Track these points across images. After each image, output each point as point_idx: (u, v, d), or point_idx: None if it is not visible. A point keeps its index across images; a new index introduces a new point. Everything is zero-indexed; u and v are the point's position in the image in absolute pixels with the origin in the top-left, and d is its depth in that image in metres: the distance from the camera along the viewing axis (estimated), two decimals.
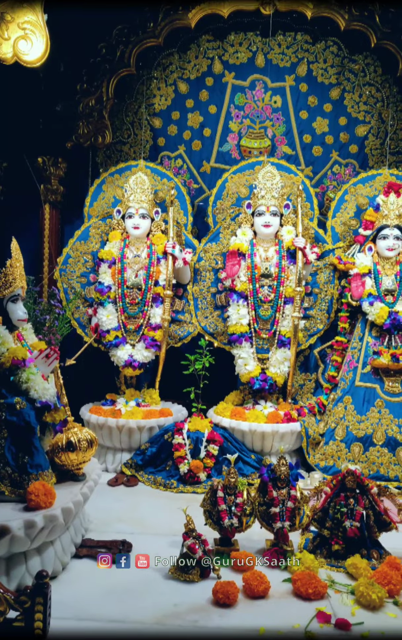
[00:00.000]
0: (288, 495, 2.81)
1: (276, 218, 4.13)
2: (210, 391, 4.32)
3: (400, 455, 3.77)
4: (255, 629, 2.24)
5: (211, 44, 4.88)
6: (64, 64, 4.74)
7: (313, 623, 2.29)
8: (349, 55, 4.86)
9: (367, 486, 2.83)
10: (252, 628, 2.24)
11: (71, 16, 4.52)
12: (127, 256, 4.12)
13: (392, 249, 4.09)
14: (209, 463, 3.72)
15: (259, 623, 2.27)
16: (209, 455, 3.73)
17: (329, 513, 2.81)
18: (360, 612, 2.39)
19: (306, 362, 4.37)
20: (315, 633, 2.22)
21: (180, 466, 3.69)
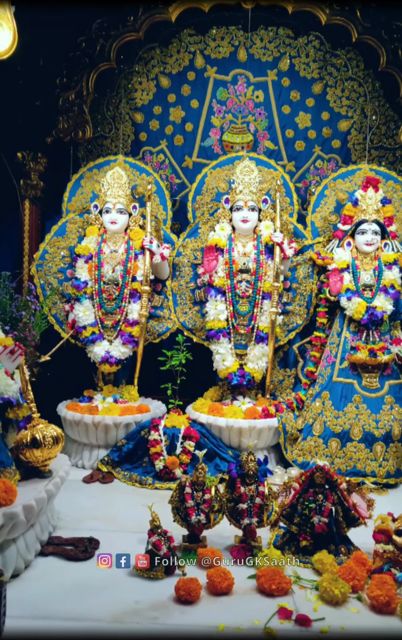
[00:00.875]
0: (256, 492, 2.79)
1: (254, 213, 4.11)
2: (190, 387, 4.31)
3: (377, 451, 3.75)
4: (215, 626, 2.22)
5: (193, 38, 4.85)
6: (43, 58, 4.72)
7: (274, 619, 2.27)
8: (331, 50, 4.83)
9: (336, 482, 2.82)
10: (212, 625, 2.22)
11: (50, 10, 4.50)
12: (104, 251, 4.10)
13: (370, 243, 4.07)
14: (185, 459, 3.70)
15: (219, 620, 2.25)
16: (185, 451, 3.71)
17: (298, 509, 2.79)
18: (323, 608, 2.37)
19: (285, 358, 4.35)
20: (275, 629, 2.20)
21: (156, 463, 3.68)
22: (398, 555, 2.63)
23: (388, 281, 3.98)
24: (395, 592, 2.39)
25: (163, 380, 4.04)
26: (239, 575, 2.56)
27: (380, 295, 3.96)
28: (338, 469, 3.79)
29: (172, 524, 2.83)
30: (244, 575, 2.58)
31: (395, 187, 4.43)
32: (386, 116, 4.90)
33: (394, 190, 4.42)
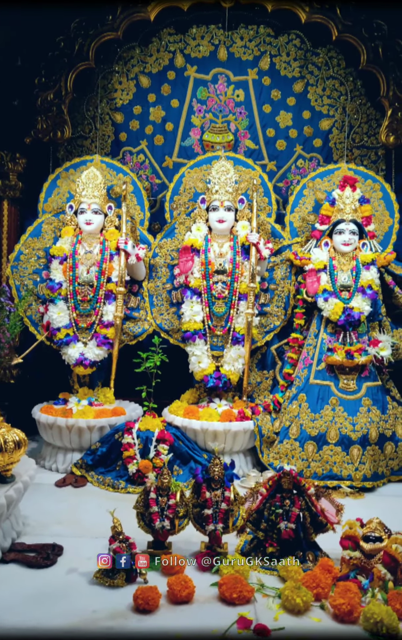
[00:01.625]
0: (222, 497, 2.75)
1: (230, 213, 4.06)
2: (168, 389, 4.25)
3: (353, 454, 3.70)
4: (172, 636, 2.17)
5: (173, 37, 4.80)
6: (21, 58, 4.67)
7: (233, 629, 2.22)
8: (312, 48, 4.78)
9: (304, 487, 2.77)
10: (169, 634, 2.18)
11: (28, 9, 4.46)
12: (79, 252, 4.05)
13: (348, 243, 4.02)
14: (158, 463, 3.64)
15: (177, 629, 2.20)
16: (158, 455, 3.66)
17: (265, 515, 2.75)
18: (284, 617, 2.33)
19: (263, 359, 4.30)
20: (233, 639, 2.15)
21: (129, 466, 3.63)
22: (365, 562, 2.59)
23: (366, 282, 3.93)
24: (358, 601, 2.34)
25: (140, 382, 3.99)
26: (203, 583, 2.52)
27: (357, 296, 3.91)
28: (315, 473, 3.74)
29: (139, 529, 2.78)
30: (208, 583, 2.54)
31: (374, 186, 4.39)
32: (368, 115, 4.85)
33: (372, 189, 4.37)
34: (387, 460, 3.82)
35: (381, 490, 3.77)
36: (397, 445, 3.84)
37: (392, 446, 3.83)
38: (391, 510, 3.44)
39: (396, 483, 3.88)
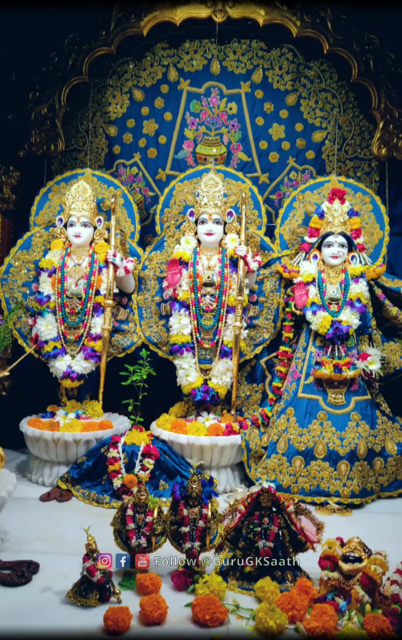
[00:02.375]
0: (200, 514, 2.71)
1: (219, 226, 4.05)
2: (158, 402, 4.24)
3: (341, 470, 3.65)
4: None
5: (166, 51, 4.83)
6: (16, 73, 4.73)
7: None
8: (304, 61, 4.79)
9: (284, 504, 2.72)
10: None
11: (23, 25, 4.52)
12: (68, 265, 4.06)
13: (336, 256, 3.99)
14: (143, 477, 3.62)
15: None
16: (144, 469, 3.63)
17: (243, 533, 2.71)
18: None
19: (252, 373, 4.28)
20: None
21: (114, 480, 3.60)
22: (343, 584, 2.53)
23: (354, 295, 3.90)
24: (333, 624, 2.29)
25: (130, 396, 3.96)
26: (178, 603, 2.48)
27: (346, 309, 3.88)
28: (302, 488, 3.69)
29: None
30: (183, 603, 2.50)
31: (364, 198, 4.37)
32: (360, 127, 4.84)
33: (363, 202, 4.35)
34: (376, 476, 3.76)
35: (370, 507, 3.71)
36: (386, 460, 3.79)
37: (381, 462, 3.77)
38: (378, 527, 3.39)
39: (386, 500, 3.82)
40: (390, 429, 3.92)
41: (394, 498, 3.83)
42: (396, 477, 3.83)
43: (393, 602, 2.33)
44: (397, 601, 2.32)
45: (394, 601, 2.32)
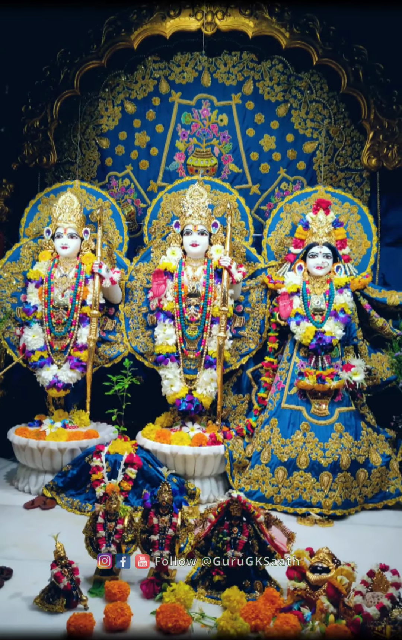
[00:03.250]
0: (170, 523, 2.72)
1: (204, 237, 4.09)
2: (146, 412, 4.27)
3: (323, 481, 3.64)
4: None
5: (157, 64, 4.91)
6: (9, 87, 4.83)
7: None
8: (295, 72, 4.83)
9: (253, 514, 2.73)
10: None
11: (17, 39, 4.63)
12: (55, 276, 4.12)
13: (321, 267, 4.00)
14: (125, 487, 3.63)
15: None
16: (126, 478, 3.65)
17: (212, 542, 2.72)
18: None
19: (238, 383, 4.28)
20: None
21: (97, 489, 3.62)
22: (310, 594, 2.53)
23: (339, 305, 3.90)
24: (294, 634, 2.29)
25: (117, 405, 4.01)
26: (145, 611, 2.50)
27: (330, 319, 3.88)
28: (285, 499, 3.68)
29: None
30: (150, 611, 2.51)
31: (351, 208, 4.38)
32: (352, 137, 4.87)
33: (350, 212, 4.37)
34: (360, 487, 3.74)
35: (353, 518, 3.68)
36: (370, 472, 3.77)
37: (365, 473, 3.75)
38: (359, 539, 3.37)
39: (370, 511, 3.79)
40: (375, 440, 3.90)
41: (378, 510, 3.79)
42: (381, 489, 3.80)
43: (356, 612, 2.32)
44: (360, 612, 2.31)
45: (357, 612, 2.32)
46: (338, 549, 3.17)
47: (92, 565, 2.75)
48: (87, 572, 2.75)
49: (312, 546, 3.22)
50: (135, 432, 4.08)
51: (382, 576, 2.42)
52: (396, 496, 3.79)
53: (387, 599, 2.31)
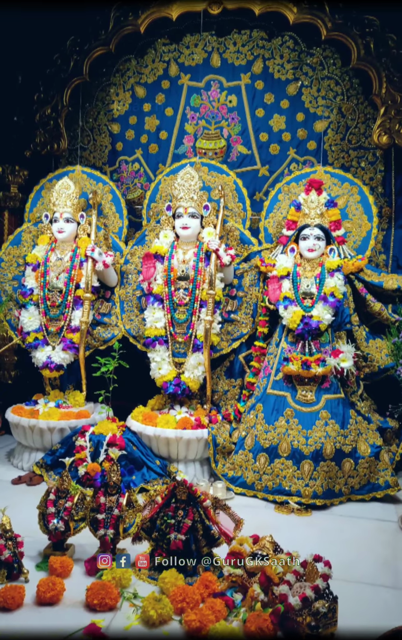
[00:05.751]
0: (116, 503, 2.75)
1: (195, 220, 4.04)
2: (145, 394, 4.31)
3: (304, 469, 3.54)
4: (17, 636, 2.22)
5: (167, 47, 4.86)
6: (22, 76, 4.95)
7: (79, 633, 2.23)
8: (306, 49, 4.65)
9: (200, 498, 2.71)
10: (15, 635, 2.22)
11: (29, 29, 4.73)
12: (51, 259, 4.21)
13: (312, 249, 3.86)
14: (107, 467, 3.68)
15: (28, 629, 2.25)
16: (108, 458, 3.69)
17: (157, 524, 2.72)
18: (136, 628, 2.30)
19: (230, 368, 4.22)
20: None
21: (79, 468, 3.70)
22: (245, 580, 2.49)
23: (328, 289, 3.75)
24: (214, 619, 2.26)
25: (116, 387, 4.08)
26: (83, 588, 2.54)
27: (319, 304, 3.75)
28: (265, 486, 3.62)
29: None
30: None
31: (351, 189, 4.18)
32: (365, 114, 4.64)
33: (350, 192, 4.17)
34: (346, 477, 3.61)
35: (336, 509, 3.56)
36: (357, 462, 3.62)
37: (351, 463, 3.61)
38: (332, 530, 3.27)
39: (357, 503, 3.65)
40: (365, 429, 3.75)
41: (366, 502, 3.65)
42: (369, 480, 3.65)
43: (279, 601, 2.26)
44: (283, 601, 2.25)
45: (280, 601, 2.26)
46: (304, 538, 3.15)
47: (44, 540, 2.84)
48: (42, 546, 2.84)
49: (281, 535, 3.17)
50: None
51: (314, 567, 2.34)
52: (384, 488, 3.64)
53: (311, 590, 2.23)
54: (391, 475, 3.67)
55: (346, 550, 3.02)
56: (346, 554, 2.97)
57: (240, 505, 3.54)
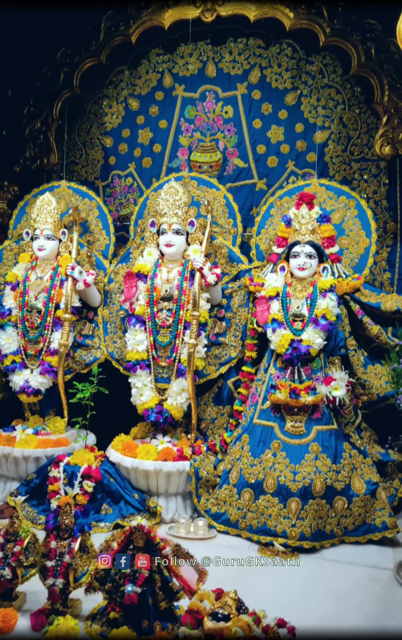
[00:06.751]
0: (68, 548, 2.50)
1: (180, 237, 3.81)
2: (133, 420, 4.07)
3: (291, 508, 3.23)
4: None
5: (161, 57, 4.70)
6: (12, 90, 4.83)
7: None
8: (305, 56, 4.43)
9: (159, 545, 2.43)
10: None
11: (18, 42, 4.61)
12: (30, 278, 4.02)
13: (303, 268, 3.58)
14: (81, 500, 3.45)
15: None
16: (82, 492, 3.47)
17: (112, 573, 2.45)
18: None
19: (219, 394, 3.95)
20: None
21: (52, 501, 3.47)
22: None
23: (320, 311, 3.46)
24: None
25: (99, 412, 3.85)
26: None
27: (310, 327, 3.46)
28: (250, 525, 3.32)
29: None
30: None
31: (348, 203, 3.91)
32: (368, 124, 4.38)
33: (346, 206, 3.90)
34: (338, 517, 3.29)
35: (326, 552, 3.24)
36: (351, 500, 3.30)
37: (344, 501, 3.29)
38: (320, 578, 2.95)
39: (351, 545, 3.31)
40: (360, 464, 3.42)
41: (361, 544, 3.32)
42: (364, 520, 3.33)
43: None
44: None
45: None
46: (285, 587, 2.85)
47: None
48: None
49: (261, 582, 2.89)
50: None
51: (276, 634, 2.05)
52: (381, 530, 3.30)
53: None
54: (388, 515, 3.33)
55: (330, 604, 2.70)
56: (330, 608, 2.66)
57: (221, 545, 3.27)
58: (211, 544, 3.30)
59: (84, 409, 3.91)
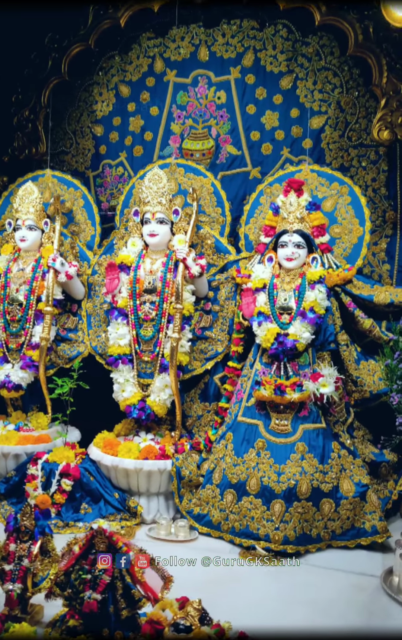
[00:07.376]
0: (28, 552, 2.37)
1: (164, 226, 3.65)
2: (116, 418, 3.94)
3: (275, 510, 3.07)
4: None
5: (152, 41, 4.53)
6: None
7: None
8: (301, 38, 4.23)
9: (121, 549, 2.30)
10: None
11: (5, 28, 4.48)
12: (12, 270, 3.90)
13: (291, 258, 3.40)
14: (59, 499, 3.34)
15: None
16: (60, 490, 3.35)
17: (72, 578, 2.32)
18: None
19: (205, 390, 3.79)
20: None
21: (28, 499, 3.36)
22: None
23: (308, 304, 3.29)
24: None
25: (85, 407, 3.74)
26: None
27: (297, 320, 3.29)
28: (232, 527, 3.17)
29: None
30: None
31: (341, 189, 3.71)
32: (366, 108, 4.17)
33: (339, 193, 3.71)
34: (325, 520, 3.12)
35: (312, 557, 3.07)
36: (339, 503, 3.13)
37: (331, 504, 3.12)
38: (302, 585, 2.79)
39: (338, 550, 3.14)
40: (349, 465, 3.25)
41: (349, 549, 3.14)
42: (353, 524, 3.15)
43: None
44: None
45: None
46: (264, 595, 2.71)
47: None
48: None
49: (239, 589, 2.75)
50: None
51: None
52: (371, 534, 3.12)
53: None
54: (379, 519, 3.15)
55: (309, 614, 2.54)
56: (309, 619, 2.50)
57: (202, 548, 3.13)
58: (192, 546, 3.16)
59: (67, 405, 3.81)
